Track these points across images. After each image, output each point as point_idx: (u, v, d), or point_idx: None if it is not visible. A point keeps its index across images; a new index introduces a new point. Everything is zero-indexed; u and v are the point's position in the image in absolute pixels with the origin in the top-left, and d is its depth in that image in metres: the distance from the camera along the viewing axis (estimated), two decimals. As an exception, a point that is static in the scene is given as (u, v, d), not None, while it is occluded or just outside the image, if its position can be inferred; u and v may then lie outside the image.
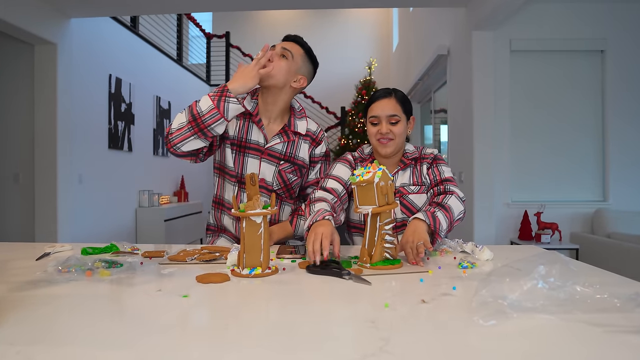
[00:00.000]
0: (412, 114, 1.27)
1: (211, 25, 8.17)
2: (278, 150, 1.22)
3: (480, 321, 0.57)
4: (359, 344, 0.52)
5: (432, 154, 1.28)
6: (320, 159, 1.29)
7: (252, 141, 1.22)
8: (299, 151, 1.24)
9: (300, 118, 1.27)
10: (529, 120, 3.30)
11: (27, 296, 0.71)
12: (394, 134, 1.20)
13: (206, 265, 0.95)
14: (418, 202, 1.23)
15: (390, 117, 1.20)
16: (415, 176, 1.26)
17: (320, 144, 1.28)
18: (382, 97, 1.23)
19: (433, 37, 4.64)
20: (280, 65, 1.18)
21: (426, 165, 1.27)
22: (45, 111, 3.31)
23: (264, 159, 1.22)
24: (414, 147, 1.30)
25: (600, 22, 3.26)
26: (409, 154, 1.27)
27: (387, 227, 0.93)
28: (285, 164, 1.22)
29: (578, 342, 0.52)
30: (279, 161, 1.22)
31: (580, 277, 0.67)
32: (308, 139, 1.26)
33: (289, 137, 1.23)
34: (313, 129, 1.27)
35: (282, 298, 0.73)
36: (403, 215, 1.23)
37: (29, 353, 0.49)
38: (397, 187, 1.24)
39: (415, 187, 1.24)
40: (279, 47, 1.20)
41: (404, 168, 1.26)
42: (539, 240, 2.99)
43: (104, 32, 4.01)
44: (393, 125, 1.21)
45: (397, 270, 0.90)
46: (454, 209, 1.12)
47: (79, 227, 3.61)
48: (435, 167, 1.26)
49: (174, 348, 0.51)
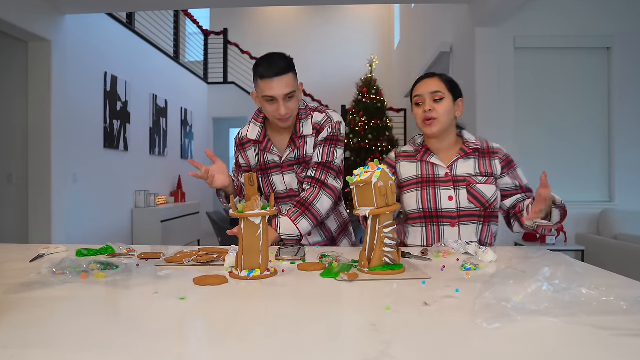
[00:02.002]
0: (461, 96, 1.25)
1: (209, 21, 8.13)
2: (292, 158, 1.27)
3: (483, 324, 0.56)
4: (359, 348, 0.51)
5: (501, 149, 1.26)
6: (322, 142, 1.26)
7: (270, 161, 1.29)
8: (307, 148, 1.27)
9: (306, 118, 1.26)
10: (534, 119, 3.26)
11: (21, 299, 0.70)
12: (437, 112, 1.19)
13: (204, 267, 0.94)
14: (487, 192, 1.20)
15: (433, 94, 1.19)
16: (482, 167, 1.23)
17: (322, 131, 1.26)
18: (425, 77, 1.24)
19: (435, 34, 4.62)
20: (293, 107, 1.20)
21: (498, 161, 1.24)
22: (39, 110, 3.28)
23: (286, 172, 1.28)
24: (475, 138, 1.27)
25: (607, 18, 3.22)
26: (470, 143, 1.25)
27: (386, 230, 0.89)
28: (299, 167, 1.27)
29: (583, 346, 0.51)
30: (295, 167, 1.27)
31: (586, 280, 0.66)
32: (314, 132, 1.27)
33: (296, 144, 1.26)
34: (319, 119, 1.27)
35: (281, 301, 0.72)
36: (470, 204, 1.20)
37: (23, 356, 0.48)
38: (459, 175, 1.22)
39: (483, 178, 1.21)
40: (281, 95, 1.15)
41: (464, 157, 1.24)
42: (544, 242, 2.94)
43: (99, 28, 3.98)
44: (437, 102, 1.19)
45: (396, 276, 0.86)
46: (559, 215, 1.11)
47: (73, 228, 3.58)
48: (513, 168, 1.25)
49: (171, 352, 0.50)
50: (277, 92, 1.14)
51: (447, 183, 1.22)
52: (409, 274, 0.87)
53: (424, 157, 1.26)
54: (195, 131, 6.43)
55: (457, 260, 1.01)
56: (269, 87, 1.15)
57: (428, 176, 1.24)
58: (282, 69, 1.15)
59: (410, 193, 1.25)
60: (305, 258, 1.03)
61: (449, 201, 1.20)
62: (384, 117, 5.80)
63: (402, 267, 0.89)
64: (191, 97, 6.32)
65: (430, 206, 1.22)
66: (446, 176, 1.23)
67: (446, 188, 1.21)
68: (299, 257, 1.02)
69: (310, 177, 1.24)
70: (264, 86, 1.16)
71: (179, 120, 5.84)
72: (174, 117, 5.65)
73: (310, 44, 8.07)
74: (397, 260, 0.90)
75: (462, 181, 1.21)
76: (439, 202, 1.21)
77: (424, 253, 1.08)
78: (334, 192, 1.25)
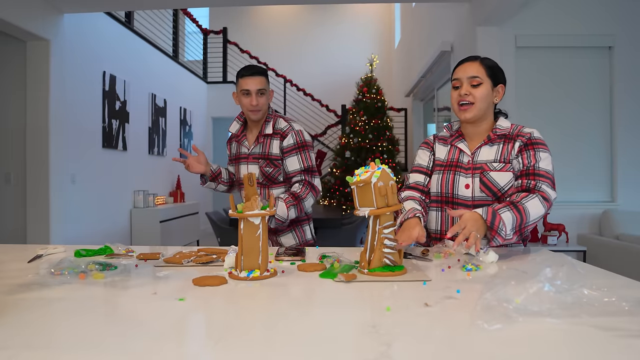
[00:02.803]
0: (503, 82, 1.19)
1: (208, 20, 8.11)
2: (257, 152, 1.53)
3: (484, 325, 0.56)
4: (359, 350, 0.51)
5: (531, 132, 1.16)
6: (292, 148, 1.50)
7: (241, 152, 1.59)
8: (272, 148, 1.52)
9: (269, 121, 1.53)
10: (535, 119, 3.23)
11: (19, 299, 0.70)
12: (474, 97, 1.15)
13: (203, 268, 0.94)
14: (500, 180, 1.14)
15: (471, 78, 1.15)
16: (504, 153, 1.16)
17: (286, 137, 1.50)
18: (466, 60, 1.20)
19: (436, 32, 4.60)
20: (262, 102, 1.48)
21: (520, 143, 1.16)
22: (37, 109, 3.27)
23: (250, 163, 1.55)
24: (511, 124, 1.20)
25: (608, 17, 3.19)
26: (499, 130, 1.19)
27: (386, 230, 0.87)
28: (263, 161, 1.52)
29: (585, 347, 0.51)
30: (259, 160, 1.52)
31: (588, 280, 0.65)
32: (278, 136, 1.52)
33: (259, 141, 1.54)
34: (281, 126, 1.53)
35: (281, 301, 0.71)
36: (482, 193, 1.15)
37: (21, 357, 0.48)
38: (478, 162, 1.17)
39: (499, 165, 1.15)
40: (254, 89, 1.45)
41: (488, 143, 1.19)
42: (545, 242, 2.93)
43: (98, 28, 3.96)
44: (474, 87, 1.15)
45: (395, 278, 0.83)
46: (529, 212, 1.04)
47: (72, 228, 3.57)
48: (532, 150, 1.14)
49: (170, 353, 0.50)
50: (252, 86, 1.46)
51: (467, 170, 1.18)
52: (408, 275, 0.86)
53: (454, 142, 1.25)
54: (195, 131, 6.42)
55: (458, 260, 1.00)
56: (245, 82, 1.46)
57: (452, 160, 1.22)
58: (258, 72, 1.48)
59: (435, 176, 1.24)
60: (305, 259, 1.02)
61: (466, 189, 1.18)
62: (385, 117, 5.79)
63: (403, 269, 0.88)
64: (190, 97, 6.31)
65: (447, 191, 1.20)
66: (468, 163, 1.19)
67: (465, 175, 1.18)
68: (299, 258, 1.02)
69: (300, 180, 1.51)
70: (242, 82, 1.47)
71: (178, 120, 5.82)
72: (173, 117, 5.64)
73: (310, 43, 8.05)
74: (398, 262, 0.89)
75: (479, 168, 1.17)
76: (456, 189, 1.19)
77: (425, 253, 1.08)
78: (318, 193, 1.52)
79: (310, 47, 8.01)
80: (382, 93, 5.88)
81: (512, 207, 1.04)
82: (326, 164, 6.52)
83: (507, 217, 1.01)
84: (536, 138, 1.16)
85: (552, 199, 1.09)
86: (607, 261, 2.79)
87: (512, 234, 1.03)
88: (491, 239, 1.02)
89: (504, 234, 1.01)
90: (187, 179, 5.86)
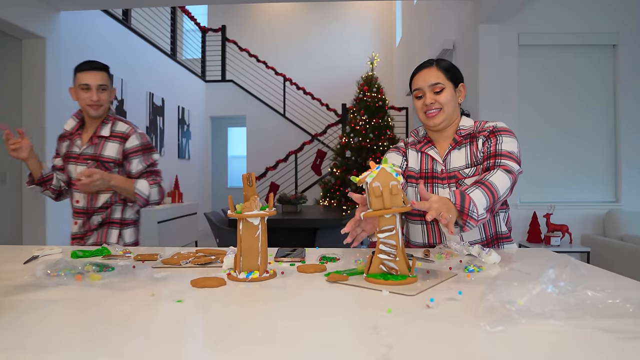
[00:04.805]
0: (462, 80, 1.18)
1: (206, 18, 8.08)
2: (89, 153, 1.52)
3: (487, 327, 0.55)
4: (360, 352, 0.50)
5: (494, 125, 1.14)
6: (136, 150, 1.52)
7: (72, 151, 1.55)
8: (105, 150, 1.51)
9: (107, 123, 1.53)
10: (538, 118, 3.22)
11: (15, 301, 0.69)
12: (440, 104, 1.14)
13: (201, 269, 0.93)
14: None
15: (432, 86, 1.14)
16: (472, 155, 1.14)
17: (129, 138, 1.52)
18: (422, 67, 1.18)
19: (438, 30, 4.58)
20: (104, 98, 1.50)
21: (482, 138, 1.14)
22: (33, 108, 3.24)
23: (80, 163, 1.53)
24: (474, 122, 1.18)
25: (613, 15, 3.17)
26: (462, 130, 1.17)
27: (382, 235, 0.80)
28: (93, 163, 1.51)
29: (589, 349, 0.51)
30: (89, 162, 1.51)
31: (592, 281, 0.65)
32: (117, 139, 1.52)
33: (93, 141, 1.53)
34: (122, 129, 1.54)
35: (281, 303, 0.71)
36: None
37: (17, 359, 0.48)
38: (451, 170, 1.15)
39: (471, 170, 1.12)
40: (94, 84, 1.47)
41: (456, 147, 1.17)
42: (549, 243, 2.92)
43: (94, 25, 3.94)
44: (437, 94, 1.14)
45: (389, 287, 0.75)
46: (497, 186, 0.98)
47: (68, 229, 3.53)
48: (494, 138, 1.11)
49: (168, 355, 0.49)
50: (92, 81, 1.46)
51: (443, 180, 1.17)
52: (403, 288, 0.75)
53: (423, 148, 1.22)
54: (193, 130, 6.40)
55: (460, 262, 0.99)
56: (85, 77, 1.47)
57: (427, 171, 1.21)
58: (98, 67, 1.49)
59: (412, 189, 1.22)
60: (304, 260, 1.02)
61: None
62: (385, 116, 5.78)
63: (406, 279, 0.79)
64: (188, 96, 6.28)
65: None
66: (442, 172, 1.18)
67: (442, 186, 1.17)
68: (299, 259, 1.01)
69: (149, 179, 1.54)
70: (81, 76, 1.48)
71: (176, 119, 5.80)
72: (171, 116, 5.62)
73: (310, 41, 8.02)
74: (402, 270, 0.80)
75: (453, 177, 1.15)
76: None
77: (427, 254, 1.07)
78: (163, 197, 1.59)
79: (310, 45, 7.99)
80: (383, 92, 5.87)
81: (480, 184, 0.99)
82: (326, 163, 6.50)
83: (477, 195, 0.96)
84: (499, 127, 1.14)
85: (516, 171, 1.06)
86: (611, 262, 2.78)
87: (485, 213, 0.97)
88: (463, 224, 0.95)
89: (476, 216, 0.94)
90: (185, 179, 5.85)
